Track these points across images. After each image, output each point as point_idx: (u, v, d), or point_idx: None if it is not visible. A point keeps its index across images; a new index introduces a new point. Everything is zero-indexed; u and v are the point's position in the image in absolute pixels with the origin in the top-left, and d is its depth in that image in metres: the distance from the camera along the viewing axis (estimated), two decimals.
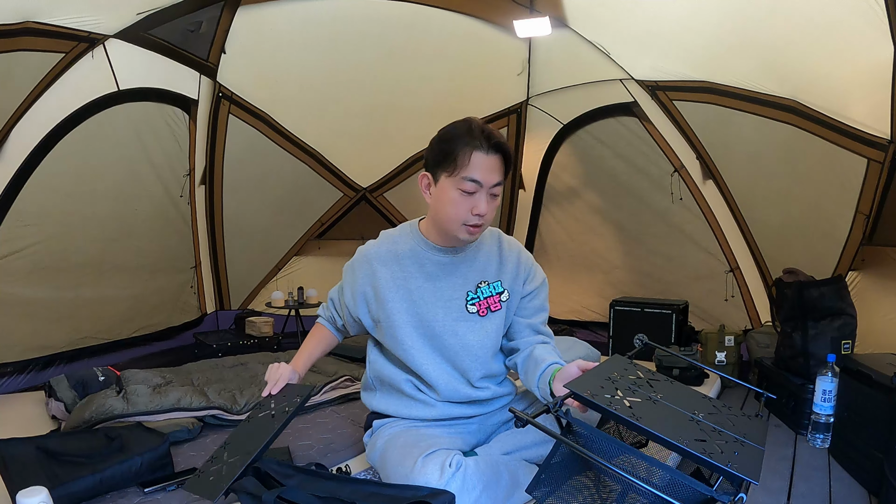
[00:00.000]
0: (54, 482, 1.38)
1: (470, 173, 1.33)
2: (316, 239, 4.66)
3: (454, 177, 1.35)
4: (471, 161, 1.33)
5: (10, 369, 2.79)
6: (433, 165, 1.40)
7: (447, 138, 1.37)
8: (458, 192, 1.35)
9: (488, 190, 1.36)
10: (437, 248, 1.49)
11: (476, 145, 1.33)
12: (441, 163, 1.37)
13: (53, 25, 2.47)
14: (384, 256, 1.50)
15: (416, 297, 1.47)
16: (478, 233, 1.42)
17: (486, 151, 1.34)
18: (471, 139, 1.34)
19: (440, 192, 1.39)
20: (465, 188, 1.34)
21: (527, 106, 4.06)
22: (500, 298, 1.51)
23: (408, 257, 1.49)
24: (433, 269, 1.48)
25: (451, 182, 1.36)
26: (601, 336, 3.90)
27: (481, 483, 1.29)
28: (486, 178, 1.34)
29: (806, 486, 1.83)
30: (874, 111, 2.39)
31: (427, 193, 1.44)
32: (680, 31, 2.85)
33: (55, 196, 2.88)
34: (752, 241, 3.39)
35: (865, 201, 2.61)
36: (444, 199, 1.38)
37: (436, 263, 1.49)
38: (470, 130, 1.35)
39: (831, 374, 2.10)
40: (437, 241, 1.48)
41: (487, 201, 1.37)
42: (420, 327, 1.47)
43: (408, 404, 1.54)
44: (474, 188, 1.34)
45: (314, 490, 1.27)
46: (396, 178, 4.57)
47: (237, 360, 2.85)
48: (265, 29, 3.31)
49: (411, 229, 1.53)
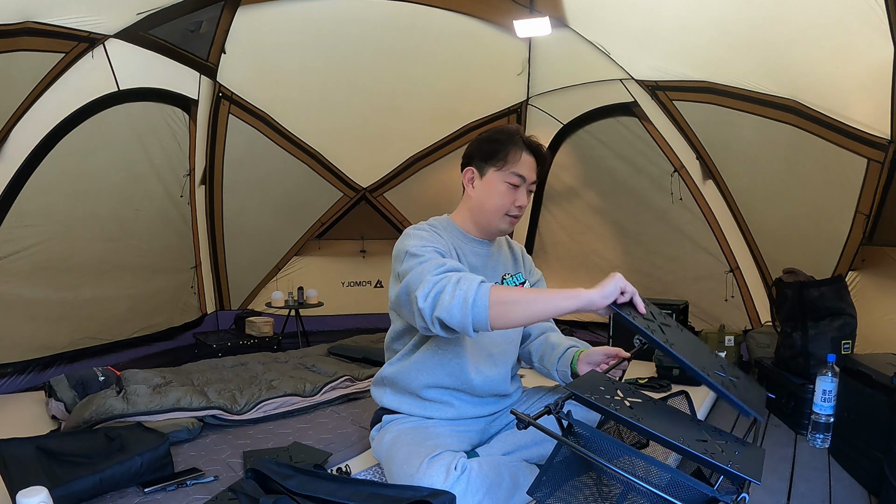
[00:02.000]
0: (54, 482, 1.38)
1: (518, 169, 1.50)
2: (316, 239, 4.66)
3: (503, 171, 1.51)
4: (520, 158, 1.51)
5: (11, 370, 2.79)
6: (481, 160, 1.54)
7: (497, 138, 1.54)
8: (506, 186, 1.51)
9: (528, 186, 1.53)
10: (474, 240, 1.59)
11: (523, 147, 1.53)
12: (490, 158, 1.52)
13: (53, 25, 2.47)
14: (445, 238, 1.51)
15: None
16: (515, 223, 1.56)
17: (530, 153, 1.53)
18: (519, 140, 1.53)
19: (487, 185, 1.53)
20: (512, 181, 1.50)
21: (527, 106, 4.06)
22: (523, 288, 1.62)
23: (452, 246, 1.55)
24: (473, 260, 1.57)
25: (499, 175, 1.51)
26: (601, 336, 3.90)
27: (484, 486, 1.30)
28: (528, 175, 1.52)
29: (806, 486, 1.82)
30: (874, 111, 2.39)
31: (470, 186, 1.56)
32: (680, 31, 2.85)
33: (55, 196, 2.88)
34: (752, 241, 3.39)
35: (865, 201, 2.61)
36: (491, 190, 1.52)
37: (475, 254, 1.58)
38: (517, 133, 1.56)
39: (831, 374, 2.10)
40: (473, 234, 1.59)
41: (526, 196, 1.54)
42: None
43: (422, 406, 1.55)
44: (519, 182, 1.51)
45: (314, 491, 1.27)
46: (396, 178, 4.57)
47: (237, 360, 2.86)
48: (265, 29, 3.31)
49: (448, 223, 1.61)
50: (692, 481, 0.93)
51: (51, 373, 2.91)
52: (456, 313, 1.21)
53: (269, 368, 2.69)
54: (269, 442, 1.91)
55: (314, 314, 4.31)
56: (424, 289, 1.25)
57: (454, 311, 1.21)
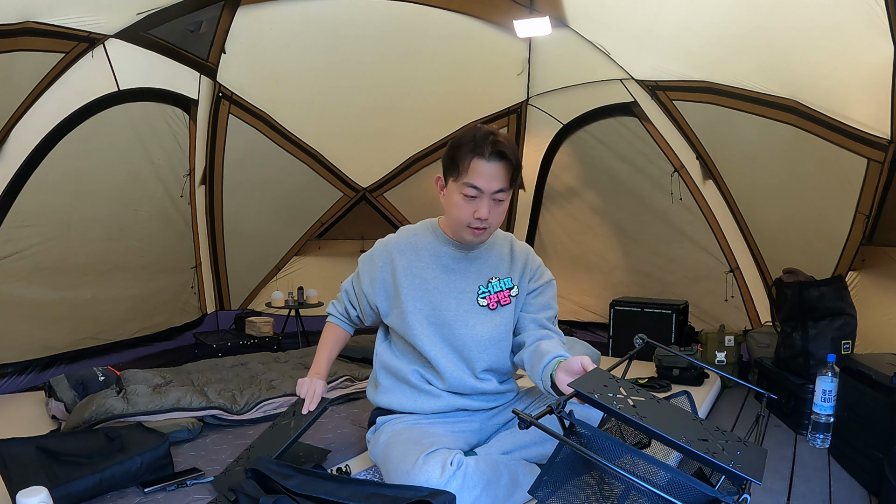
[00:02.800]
0: (54, 482, 1.38)
1: (470, 179, 1.40)
2: (316, 239, 4.66)
3: (458, 182, 1.42)
4: (471, 168, 1.39)
5: (11, 370, 2.79)
6: (444, 170, 1.48)
7: (455, 145, 1.44)
8: (462, 197, 1.42)
9: (490, 196, 1.42)
10: (453, 243, 1.56)
11: (479, 153, 1.39)
12: (448, 168, 1.45)
13: (53, 25, 2.47)
14: (403, 247, 1.58)
15: (431, 287, 1.53)
16: (482, 235, 1.48)
17: (488, 159, 1.38)
18: (474, 146, 1.39)
19: (448, 196, 1.48)
20: (466, 193, 1.41)
21: (527, 106, 4.06)
22: (509, 293, 1.57)
23: (425, 249, 1.56)
24: (449, 262, 1.56)
25: (455, 187, 1.44)
26: (601, 336, 3.90)
27: (481, 482, 1.29)
28: (486, 185, 1.40)
29: (806, 486, 1.83)
30: (874, 111, 2.39)
31: (441, 195, 1.52)
32: (680, 31, 2.85)
33: (55, 196, 2.88)
34: (752, 241, 3.39)
35: (865, 201, 2.61)
36: (450, 202, 1.47)
37: (451, 257, 1.56)
38: (474, 138, 1.40)
39: (831, 374, 2.10)
40: (453, 237, 1.56)
41: (490, 206, 1.43)
42: (431, 315, 1.53)
43: (413, 396, 1.57)
44: (475, 193, 1.41)
45: (314, 491, 1.27)
46: (396, 178, 4.57)
47: (237, 360, 2.85)
48: (265, 29, 3.31)
49: (431, 225, 1.61)
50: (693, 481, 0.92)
51: (51, 373, 2.91)
52: None
53: (269, 368, 2.69)
54: None
55: (314, 314, 4.31)
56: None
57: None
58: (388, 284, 1.58)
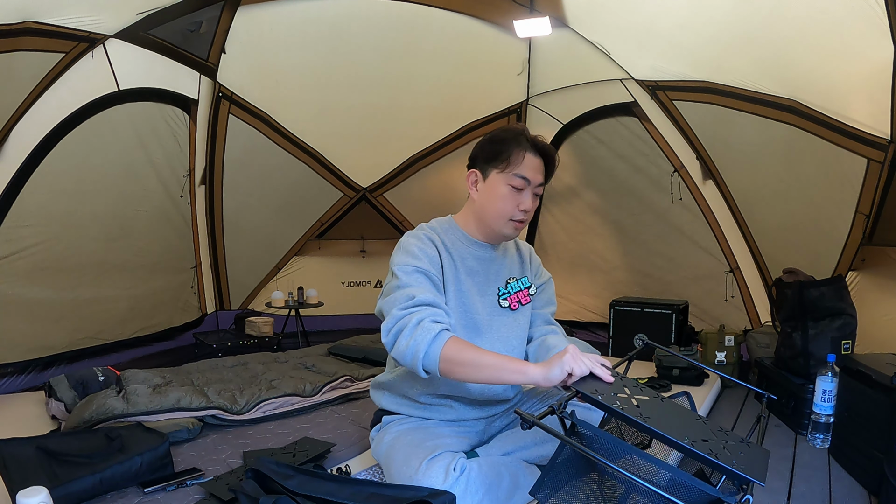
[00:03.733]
0: (54, 482, 1.38)
1: (521, 171, 1.44)
2: (316, 239, 4.66)
3: (505, 173, 1.45)
4: (524, 159, 1.44)
5: (11, 370, 2.78)
6: (484, 162, 1.49)
7: (500, 139, 1.47)
8: (508, 188, 1.45)
9: (533, 188, 1.47)
10: (476, 244, 1.55)
11: (527, 147, 1.45)
12: (493, 160, 1.47)
13: (53, 25, 2.47)
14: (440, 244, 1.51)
15: (464, 289, 1.51)
16: (521, 228, 1.50)
17: (535, 154, 1.46)
18: (523, 141, 1.46)
19: (490, 188, 1.48)
20: (514, 184, 1.44)
21: (527, 106, 4.06)
22: (528, 292, 1.59)
23: (454, 250, 1.54)
24: (472, 264, 1.54)
25: (502, 178, 1.45)
26: (601, 336, 3.90)
27: (484, 486, 1.30)
28: (533, 177, 1.45)
29: (806, 486, 1.83)
30: (874, 111, 2.39)
31: (474, 189, 1.52)
32: (680, 31, 2.85)
33: (55, 196, 2.88)
34: (752, 241, 3.39)
35: (865, 201, 2.61)
36: (494, 194, 1.47)
37: (475, 258, 1.54)
38: (522, 133, 1.48)
39: (831, 374, 2.10)
40: (476, 237, 1.55)
41: (532, 200, 1.47)
42: (463, 318, 1.51)
43: (422, 409, 1.55)
44: (523, 185, 1.45)
45: (314, 490, 1.27)
46: (396, 178, 4.57)
47: (237, 360, 2.85)
48: (265, 29, 3.31)
49: (450, 224, 1.58)
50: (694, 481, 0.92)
51: (51, 373, 2.91)
52: (408, 361, 1.28)
53: (269, 368, 2.69)
54: (269, 442, 1.91)
55: (314, 314, 4.31)
56: (388, 323, 1.32)
57: (406, 359, 1.28)
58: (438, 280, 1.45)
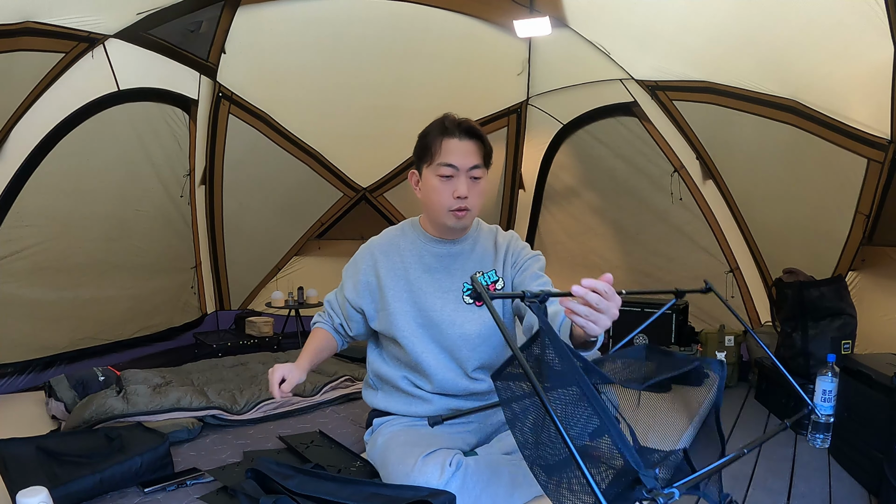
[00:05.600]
0: (54, 482, 1.38)
1: (444, 159, 1.42)
2: (316, 239, 4.66)
3: (432, 165, 1.44)
4: (443, 147, 1.42)
5: (11, 370, 2.79)
6: (417, 161, 1.50)
7: (423, 133, 1.48)
8: (438, 179, 1.43)
9: (466, 173, 1.43)
10: (435, 241, 1.54)
11: (448, 133, 1.43)
12: (422, 156, 1.47)
13: (53, 25, 2.47)
14: (385, 248, 1.56)
15: (416, 288, 1.51)
16: (465, 217, 1.46)
17: (459, 137, 1.43)
18: (444, 129, 1.44)
19: (424, 184, 1.48)
20: (442, 173, 1.42)
21: (527, 106, 4.06)
22: (494, 287, 1.55)
23: (408, 249, 1.54)
24: (431, 261, 1.53)
25: (430, 171, 1.45)
26: None
27: (481, 483, 1.29)
28: (460, 162, 1.42)
29: (806, 486, 1.83)
30: (874, 111, 2.39)
31: (417, 190, 1.51)
32: (680, 31, 2.85)
33: (55, 196, 2.88)
34: (752, 241, 3.38)
35: (865, 201, 2.61)
36: (428, 189, 1.46)
37: (434, 255, 1.53)
38: (442, 122, 1.45)
39: (831, 374, 2.10)
40: (434, 234, 1.54)
41: (468, 185, 1.43)
42: (418, 317, 1.51)
43: (406, 401, 1.55)
44: (451, 172, 1.42)
45: (314, 491, 1.27)
46: (396, 178, 4.57)
47: (237, 360, 2.85)
48: (265, 29, 3.31)
49: (412, 224, 1.60)
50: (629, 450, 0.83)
51: (51, 373, 2.91)
52: None
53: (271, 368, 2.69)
54: (269, 442, 1.91)
55: (314, 314, 4.31)
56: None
57: None
58: (374, 287, 1.55)
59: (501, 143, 4.22)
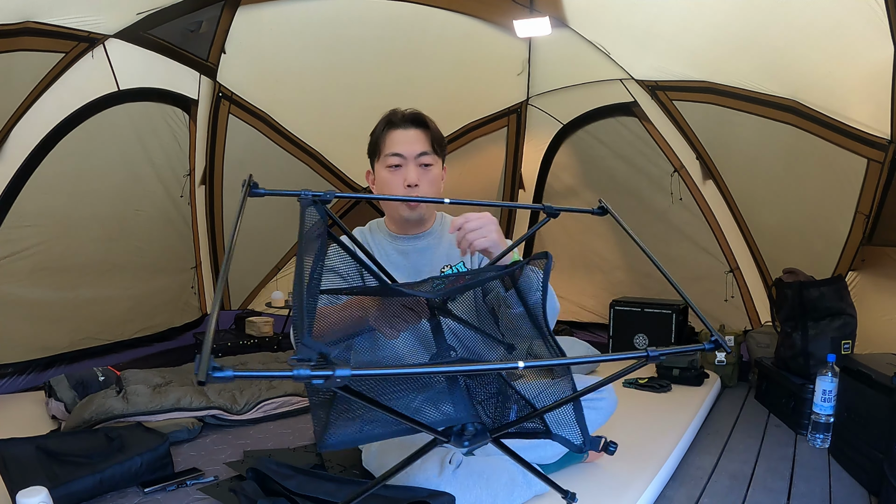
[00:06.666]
0: (54, 482, 1.38)
1: (390, 149, 1.45)
2: None
3: (381, 159, 1.48)
4: (388, 139, 1.46)
5: (11, 370, 2.78)
6: (370, 159, 1.53)
7: (371, 133, 1.51)
8: (388, 171, 1.47)
9: (414, 160, 1.45)
10: (396, 237, 1.55)
11: (392, 125, 1.46)
12: (372, 153, 1.51)
13: (53, 25, 2.47)
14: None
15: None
16: (418, 206, 1.47)
17: (403, 127, 1.45)
18: (387, 122, 1.50)
19: (378, 180, 1.51)
20: (390, 163, 1.46)
21: (527, 106, 4.06)
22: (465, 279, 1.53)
23: (375, 248, 1.56)
24: (396, 258, 1.54)
25: (380, 165, 1.49)
26: (601, 337, 3.90)
27: (481, 481, 1.29)
28: (406, 150, 1.44)
29: (806, 486, 1.83)
30: (874, 111, 2.39)
31: (373, 188, 1.55)
32: (680, 31, 2.85)
33: (55, 196, 2.88)
34: (752, 241, 3.38)
35: (865, 201, 2.61)
36: (380, 183, 1.49)
37: (397, 252, 1.54)
38: (387, 116, 1.50)
39: (831, 374, 2.10)
40: (397, 231, 1.56)
41: (418, 172, 1.44)
42: None
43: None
44: (399, 161, 1.45)
45: (314, 491, 1.27)
46: None
47: (237, 360, 2.86)
48: (265, 29, 3.31)
49: (378, 224, 1.62)
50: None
51: (51, 373, 2.90)
52: None
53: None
54: (269, 442, 1.91)
55: None
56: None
57: None
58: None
59: (501, 143, 4.22)
